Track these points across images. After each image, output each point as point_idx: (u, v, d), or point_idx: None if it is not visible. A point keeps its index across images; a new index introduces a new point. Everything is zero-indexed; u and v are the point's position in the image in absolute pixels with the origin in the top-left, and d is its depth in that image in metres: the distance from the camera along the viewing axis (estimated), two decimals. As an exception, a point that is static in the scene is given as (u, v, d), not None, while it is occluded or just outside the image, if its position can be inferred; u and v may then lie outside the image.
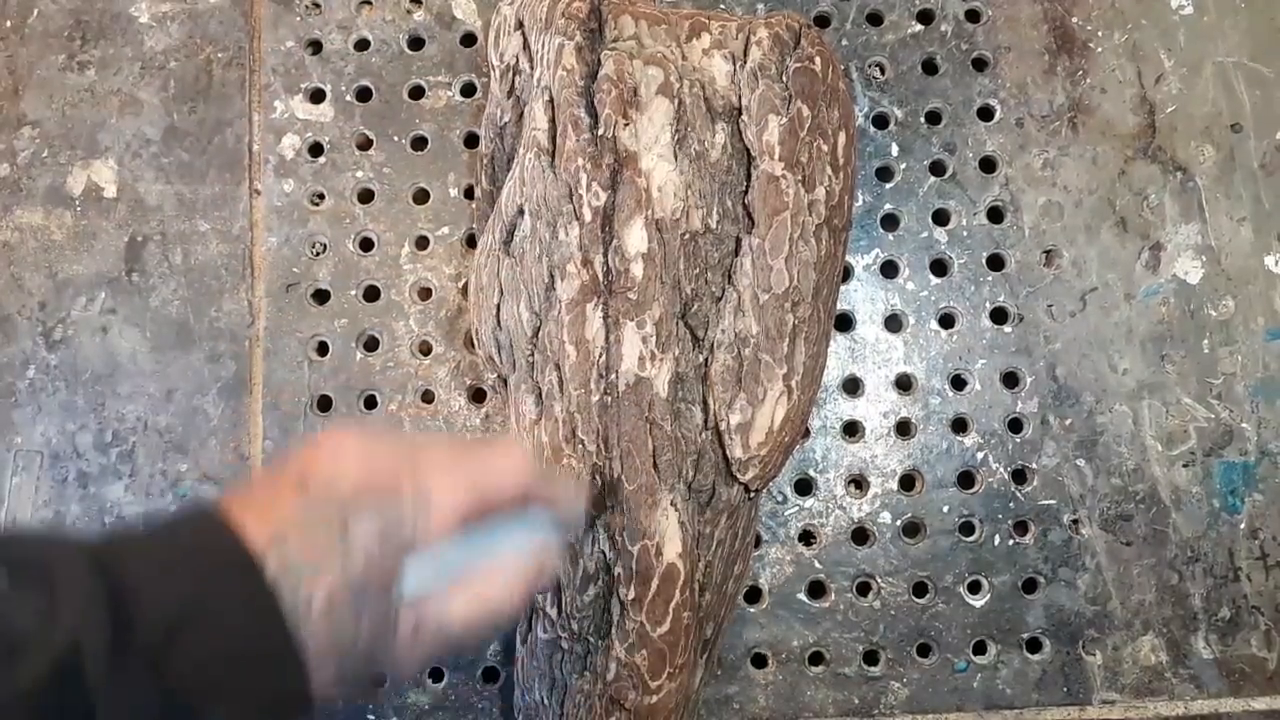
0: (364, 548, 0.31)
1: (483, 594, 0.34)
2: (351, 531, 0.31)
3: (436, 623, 0.33)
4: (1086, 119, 0.56)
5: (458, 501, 0.33)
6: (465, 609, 0.34)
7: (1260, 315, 0.55)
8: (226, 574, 0.30)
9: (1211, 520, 0.54)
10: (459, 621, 0.34)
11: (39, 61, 0.58)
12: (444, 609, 0.33)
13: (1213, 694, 0.53)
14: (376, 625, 0.31)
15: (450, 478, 0.34)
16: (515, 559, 0.36)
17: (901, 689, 0.53)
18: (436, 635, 0.33)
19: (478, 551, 0.35)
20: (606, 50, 0.47)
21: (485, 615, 0.34)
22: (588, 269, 0.45)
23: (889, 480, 0.54)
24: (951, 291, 0.55)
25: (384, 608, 0.32)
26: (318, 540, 0.31)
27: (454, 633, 0.34)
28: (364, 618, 0.31)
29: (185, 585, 0.30)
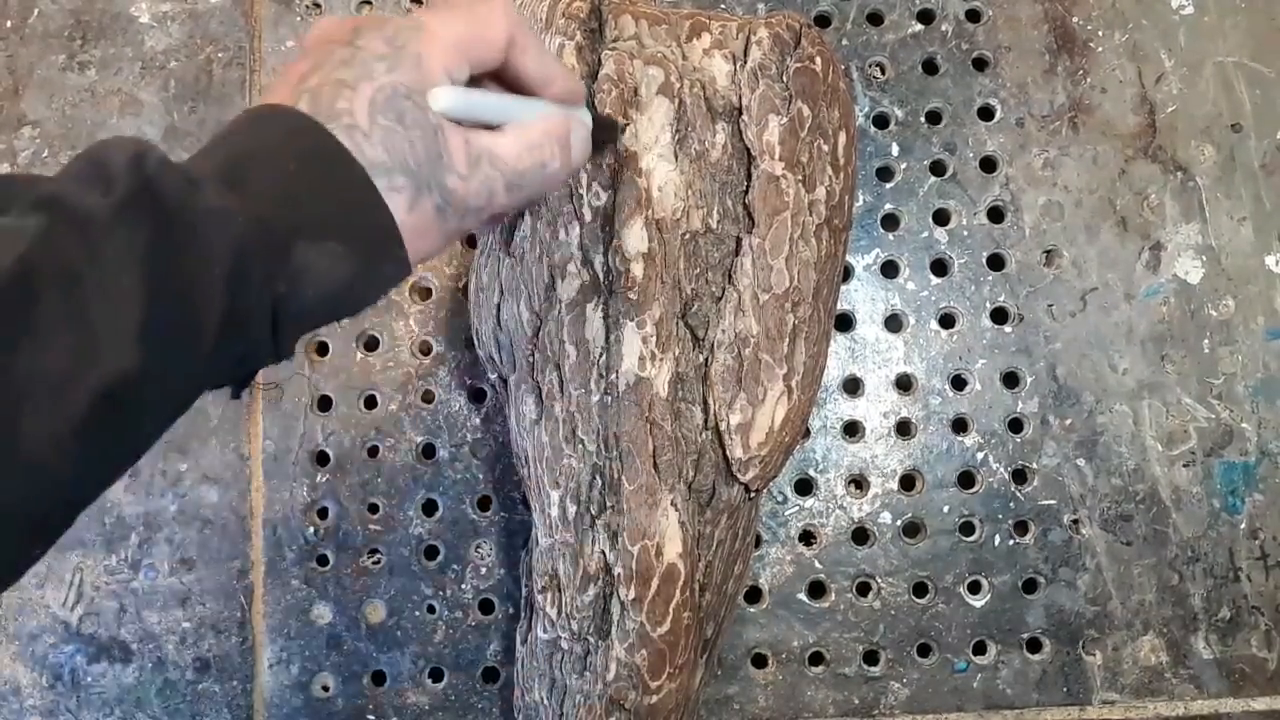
0: (377, 57, 0.31)
1: (525, 134, 0.34)
2: (359, 50, 0.31)
3: (488, 151, 0.33)
4: (1087, 119, 0.56)
5: (453, 28, 0.33)
6: (511, 144, 0.34)
7: (1260, 315, 0.55)
8: (265, 124, 0.30)
9: (1212, 520, 0.54)
10: (509, 154, 0.34)
11: (39, 61, 0.58)
12: (490, 141, 0.33)
13: (1213, 694, 0.53)
14: (425, 135, 0.31)
15: (439, 12, 0.34)
16: (546, 118, 0.36)
17: (901, 689, 0.53)
18: (490, 165, 0.33)
19: (504, 106, 0.35)
20: (607, 50, 0.47)
21: (533, 156, 0.34)
22: (588, 269, 0.45)
23: (889, 480, 0.54)
24: (952, 291, 0.55)
25: (424, 118, 0.31)
26: (333, 68, 0.31)
27: (506, 165, 0.34)
28: (409, 126, 0.31)
29: (232, 141, 0.30)
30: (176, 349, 0.27)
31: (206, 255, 0.27)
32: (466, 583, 0.54)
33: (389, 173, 0.30)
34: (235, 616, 0.54)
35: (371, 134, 0.30)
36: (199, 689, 0.54)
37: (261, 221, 0.28)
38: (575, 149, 0.37)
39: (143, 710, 0.54)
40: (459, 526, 0.54)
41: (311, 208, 0.29)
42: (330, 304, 0.31)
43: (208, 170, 0.29)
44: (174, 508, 0.55)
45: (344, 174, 0.30)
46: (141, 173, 0.27)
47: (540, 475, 0.46)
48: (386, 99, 0.31)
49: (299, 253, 0.29)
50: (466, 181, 0.32)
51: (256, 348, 0.29)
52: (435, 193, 0.32)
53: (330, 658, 0.54)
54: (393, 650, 0.54)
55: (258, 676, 0.54)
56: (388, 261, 0.31)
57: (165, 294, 0.26)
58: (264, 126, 0.30)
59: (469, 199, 0.33)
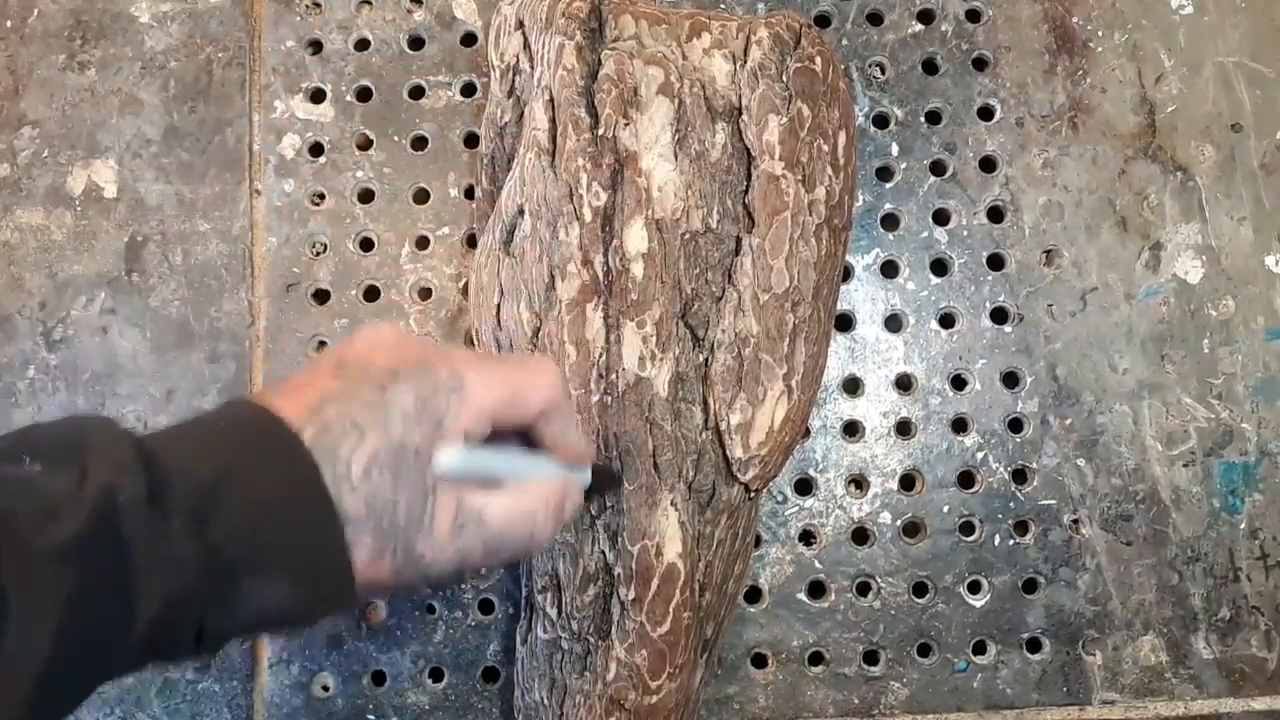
0: (401, 413, 0.31)
1: (519, 500, 0.35)
2: (389, 398, 0.31)
3: (476, 515, 0.33)
4: (1087, 119, 0.56)
5: (491, 394, 0.33)
6: (502, 509, 0.34)
7: (1260, 315, 0.55)
8: (263, 441, 0.30)
9: (1212, 520, 0.54)
10: (496, 520, 0.34)
11: (39, 61, 0.58)
12: (482, 503, 0.33)
13: (1213, 694, 0.53)
14: (414, 498, 0.31)
15: (485, 371, 0.34)
16: (545, 482, 0.36)
17: (901, 689, 0.53)
18: (475, 530, 0.33)
19: (510, 464, 0.35)
20: (607, 50, 0.47)
21: (521, 523, 0.34)
22: (588, 269, 0.45)
23: (889, 480, 0.54)
24: (951, 291, 0.55)
25: (421, 481, 0.31)
26: (355, 408, 0.31)
27: (491, 531, 0.34)
28: (401, 487, 0.31)
29: (222, 454, 0.29)
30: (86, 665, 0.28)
31: (149, 593, 0.27)
32: (466, 582, 0.54)
33: (358, 525, 0.30)
34: (235, 616, 0.54)
35: (359, 489, 0.30)
36: (199, 689, 0.54)
37: (215, 559, 0.28)
38: (567, 512, 0.37)
39: (143, 710, 0.54)
40: (459, 526, 0.54)
41: (273, 545, 0.29)
42: (261, 627, 0.31)
43: (186, 492, 0.28)
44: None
45: (318, 519, 0.30)
46: (109, 505, 0.27)
47: (540, 475, 0.46)
48: (390, 457, 0.31)
49: (244, 586, 0.29)
50: (442, 548, 0.32)
51: (173, 654, 0.30)
52: (399, 554, 0.31)
53: (330, 657, 0.54)
54: (393, 650, 0.54)
55: (258, 676, 0.54)
56: (332, 601, 0.31)
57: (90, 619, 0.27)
58: (260, 441, 0.30)
59: (435, 566, 0.33)
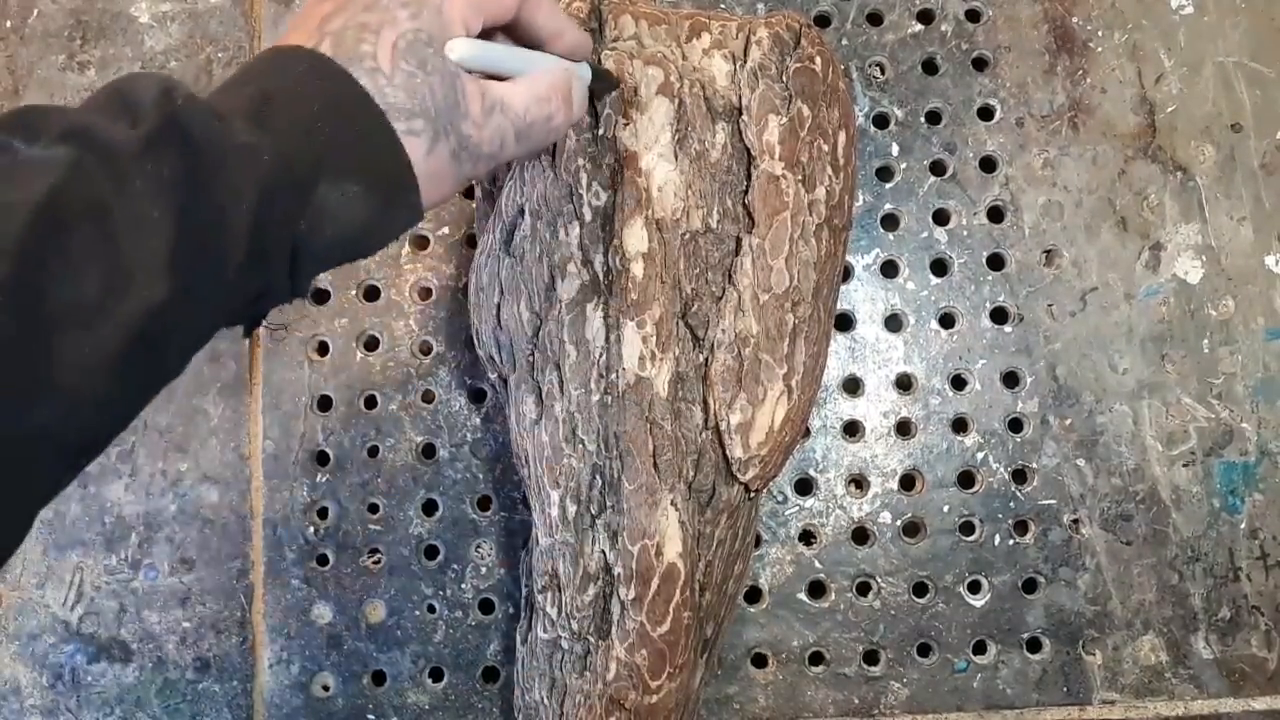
0: (400, 3, 0.32)
1: (533, 87, 0.35)
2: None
3: (500, 100, 0.34)
4: (1087, 119, 0.56)
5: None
6: (521, 94, 0.35)
7: (1260, 315, 0.55)
8: (292, 65, 0.30)
9: (1212, 520, 0.54)
10: (519, 104, 0.35)
11: (39, 61, 0.58)
12: (503, 91, 0.34)
13: (1213, 694, 0.53)
14: (444, 81, 0.32)
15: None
16: (552, 71, 0.37)
17: (901, 689, 0.53)
18: (502, 114, 0.34)
19: (516, 56, 0.36)
20: (607, 50, 0.47)
21: (539, 108, 0.35)
22: (588, 269, 0.45)
23: (889, 480, 0.54)
24: (951, 291, 0.55)
25: (443, 65, 0.32)
26: (356, 13, 0.31)
27: (517, 115, 0.35)
28: (430, 71, 0.31)
29: (257, 80, 0.30)
30: (203, 282, 0.27)
31: (234, 190, 0.27)
32: (466, 582, 0.54)
33: (410, 117, 0.31)
34: (235, 616, 0.54)
35: (394, 78, 0.31)
36: (199, 689, 0.54)
37: (286, 160, 0.29)
38: (575, 102, 0.38)
39: (143, 710, 0.54)
40: (459, 526, 0.54)
41: (333, 149, 0.30)
42: (346, 245, 0.31)
43: (234, 107, 0.29)
44: (174, 507, 0.55)
45: (365, 117, 0.30)
46: (169, 106, 0.28)
47: (540, 475, 0.46)
48: (409, 44, 0.31)
49: (320, 192, 0.29)
50: (481, 129, 0.33)
51: (275, 285, 0.30)
52: (452, 138, 0.32)
53: (330, 657, 0.54)
54: (393, 650, 0.54)
55: (258, 676, 0.54)
56: (402, 206, 0.32)
57: (193, 227, 0.27)
58: (287, 66, 0.31)
59: (483, 145, 0.34)
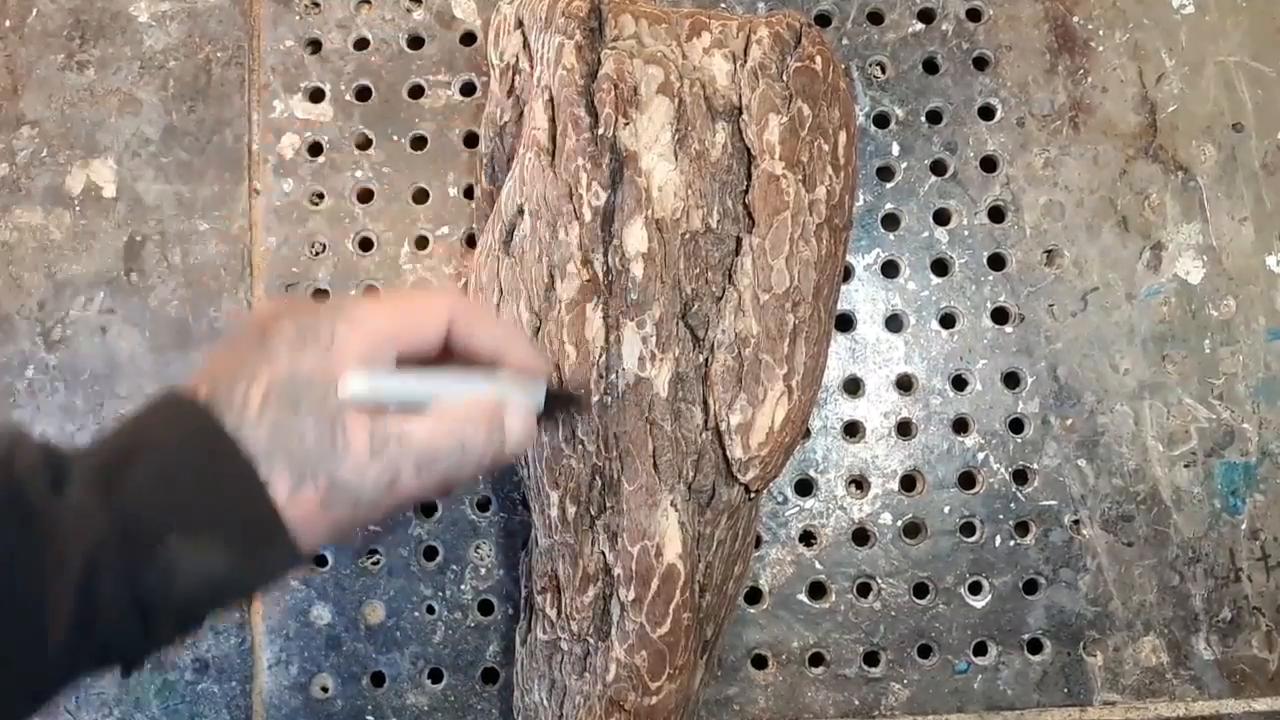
0: (286, 344, 0.31)
1: (441, 417, 0.33)
2: (269, 338, 0.32)
3: (396, 435, 0.32)
4: (1088, 118, 0.56)
5: (379, 317, 0.33)
6: (426, 428, 0.33)
7: (1261, 315, 0.55)
8: (164, 413, 0.31)
9: (1212, 521, 0.54)
10: (420, 437, 0.32)
11: (38, 61, 0.58)
12: (404, 426, 0.32)
13: (1214, 695, 0.53)
14: (319, 422, 0.31)
15: (372, 302, 0.34)
16: (477, 399, 0.34)
17: (902, 690, 0.53)
18: (397, 449, 0.32)
19: (426, 385, 0.34)
20: (607, 49, 0.46)
21: (448, 437, 0.33)
22: (588, 269, 0.45)
23: (890, 481, 0.54)
24: (952, 291, 0.55)
25: (322, 405, 0.31)
26: (240, 356, 0.31)
27: (417, 449, 0.32)
28: (303, 412, 0.31)
29: (120, 432, 0.30)
30: (20, 647, 0.28)
31: (57, 558, 0.27)
32: (466, 583, 0.54)
33: (269, 458, 0.30)
34: (234, 617, 0.54)
35: (260, 422, 0.30)
36: (198, 689, 0.54)
37: (129, 519, 0.28)
38: (513, 429, 0.34)
39: (142, 711, 0.53)
40: (458, 527, 0.54)
41: (188, 499, 0.29)
42: (208, 596, 0.30)
43: (89, 465, 0.29)
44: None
45: (226, 461, 0.30)
46: (9, 472, 0.28)
47: (540, 476, 0.46)
48: (282, 386, 0.31)
49: (170, 547, 0.29)
50: (364, 470, 0.31)
51: (124, 641, 0.29)
52: (321, 481, 0.31)
53: (329, 658, 0.54)
54: (392, 651, 0.53)
55: (257, 677, 0.54)
56: (270, 550, 0.31)
57: (9, 596, 0.27)
58: (159, 413, 0.31)
59: (366, 487, 0.32)
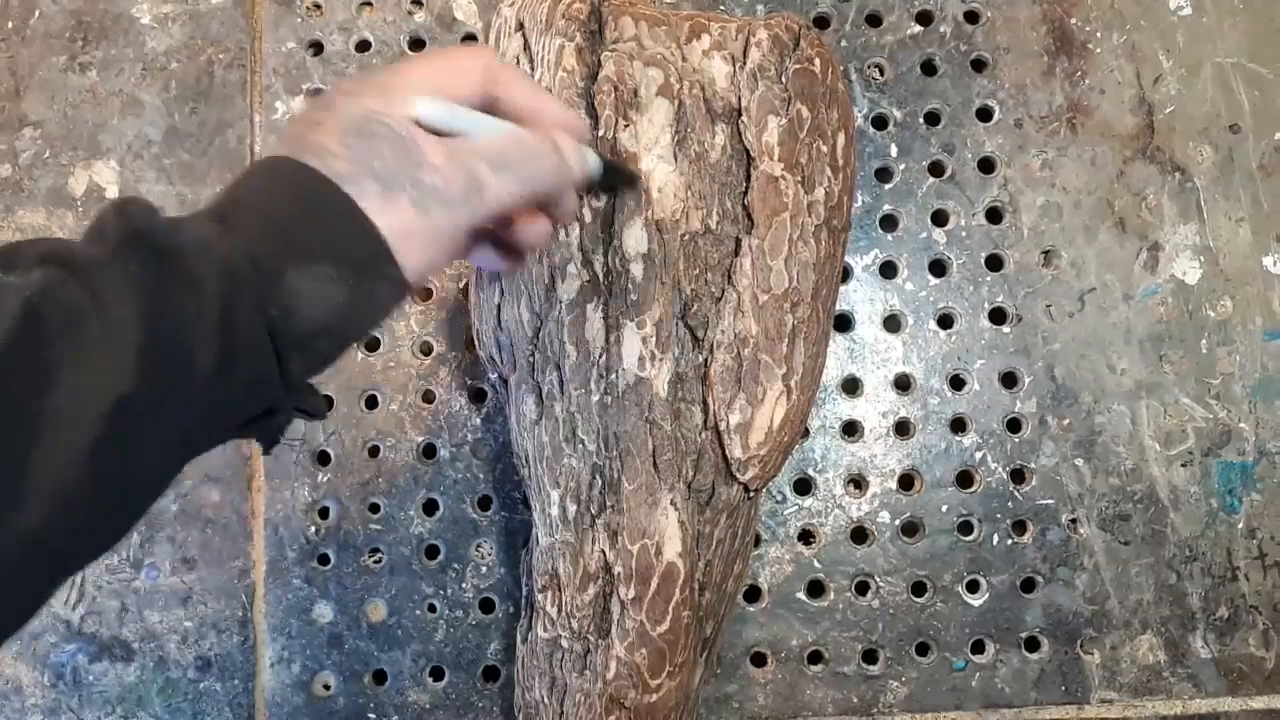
0: (347, 96, 0.33)
1: (507, 129, 0.34)
2: (333, 97, 0.33)
3: (467, 146, 0.33)
4: (1085, 120, 0.57)
5: (426, 67, 0.34)
6: (495, 139, 0.34)
7: (1258, 315, 0.55)
8: (255, 171, 0.32)
9: (1209, 520, 0.54)
10: (492, 145, 0.33)
11: (41, 62, 0.58)
12: (473, 145, 0.33)
13: (1210, 693, 0.53)
14: (394, 143, 0.32)
15: (413, 60, 0.35)
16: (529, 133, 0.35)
17: (900, 688, 0.53)
18: (469, 151, 0.33)
19: (491, 121, 0.35)
20: (606, 51, 0.47)
21: (518, 147, 0.34)
22: (588, 269, 0.45)
23: (888, 480, 0.54)
24: (950, 292, 0.56)
25: (392, 131, 0.32)
26: (312, 114, 0.33)
27: (488, 150, 0.33)
28: (377, 139, 0.32)
29: (226, 194, 0.32)
30: (173, 373, 0.28)
31: (197, 283, 0.28)
32: (467, 582, 0.54)
33: (355, 180, 0.31)
34: (237, 615, 0.54)
35: (340, 154, 0.31)
36: (200, 688, 0.54)
37: (249, 251, 0.30)
38: (569, 153, 0.36)
39: (144, 709, 0.54)
40: (459, 526, 0.55)
41: (297, 235, 0.30)
42: (330, 329, 0.31)
43: (200, 215, 0.31)
44: (175, 507, 0.55)
45: (323, 196, 0.31)
46: (129, 220, 0.29)
47: (540, 475, 0.46)
48: (353, 122, 0.32)
49: (290, 279, 0.30)
50: (443, 171, 0.32)
51: (262, 378, 0.30)
52: (409, 189, 0.32)
53: (331, 656, 0.54)
54: (394, 649, 0.54)
55: (259, 675, 0.54)
56: (380, 279, 0.31)
57: (159, 323, 0.28)
58: (253, 174, 0.32)
59: (451, 186, 0.32)
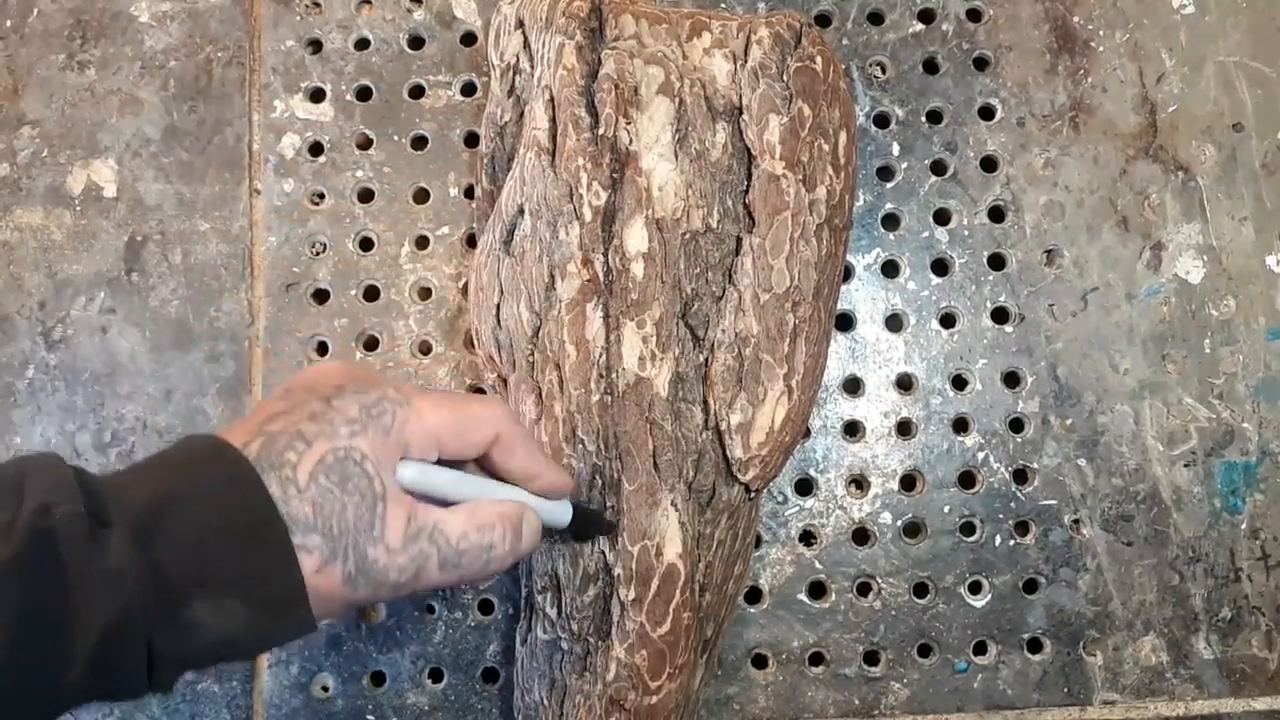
0: (346, 420, 0.31)
1: (474, 515, 0.34)
2: (334, 407, 0.32)
3: (431, 525, 0.33)
4: (1088, 118, 0.56)
5: (438, 415, 0.33)
6: (458, 522, 0.33)
7: (1261, 315, 0.55)
8: (208, 463, 0.30)
9: (1212, 520, 0.54)
10: (453, 532, 0.33)
11: (39, 61, 0.58)
12: (439, 516, 0.33)
13: (1213, 694, 0.53)
14: (363, 502, 0.31)
15: (431, 395, 0.34)
16: (502, 501, 0.36)
17: (902, 689, 0.53)
18: (429, 540, 0.33)
19: (469, 485, 0.35)
20: (607, 49, 0.46)
21: (478, 539, 0.34)
22: (588, 269, 0.45)
23: (890, 480, 0.54)
24: (952, 291, 0.55)
25: (370, 486, 0.31)
26: (299, 419, 0.31)
27: (447, 544, 0.33)
28: (350, 490, 0.31)
29: (165, 479, 0.30)
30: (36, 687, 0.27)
31: (86, 614, 0.27)
32: (423, 601, 0.54)
33: (307, 530, 0.30)
34: (235, 617, 0.54)
35: (305, 492, 0.30)
36: (198, 689, 0.54)
37: (160, 578, 0.28)
38: (525, 537, 0.36)
39: (142, 710, 0.53)
40: (459, 526, 0.54)
41: (220, 563, 0.29)
42: (215, 653, 0.30)
43: (127, 514, 0.28)
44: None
45: (264, 528, 0.29)
46: (45, 524, 0.27)
47: (540, 475, 0.46)
48: (336, 460, 0.31)
49: (193, 609, 0.29)
50: (395, 555, 0.32)
51: (129, 684, 0.29)
52: (350, 560, 0.31)
53: (330, 658, 0.54)
54: (392, 651, 0.53)
55: (257, 677, 0.54)
56: (288, 620, 0.30)
57: (33, 644, 0.27)
58: (204, 462, 0.30)
59: (390, 572, 0.32)
